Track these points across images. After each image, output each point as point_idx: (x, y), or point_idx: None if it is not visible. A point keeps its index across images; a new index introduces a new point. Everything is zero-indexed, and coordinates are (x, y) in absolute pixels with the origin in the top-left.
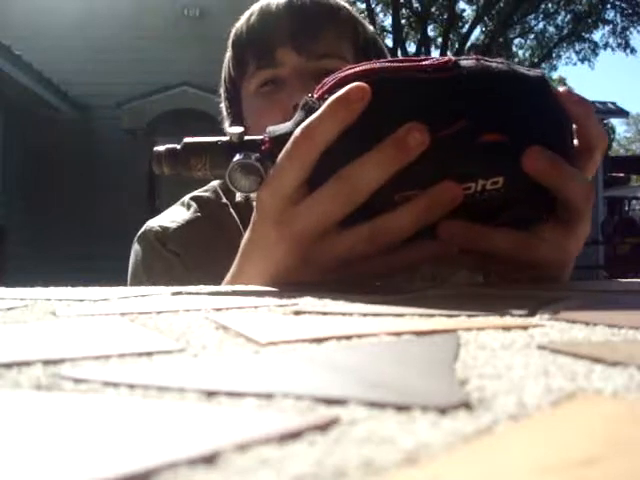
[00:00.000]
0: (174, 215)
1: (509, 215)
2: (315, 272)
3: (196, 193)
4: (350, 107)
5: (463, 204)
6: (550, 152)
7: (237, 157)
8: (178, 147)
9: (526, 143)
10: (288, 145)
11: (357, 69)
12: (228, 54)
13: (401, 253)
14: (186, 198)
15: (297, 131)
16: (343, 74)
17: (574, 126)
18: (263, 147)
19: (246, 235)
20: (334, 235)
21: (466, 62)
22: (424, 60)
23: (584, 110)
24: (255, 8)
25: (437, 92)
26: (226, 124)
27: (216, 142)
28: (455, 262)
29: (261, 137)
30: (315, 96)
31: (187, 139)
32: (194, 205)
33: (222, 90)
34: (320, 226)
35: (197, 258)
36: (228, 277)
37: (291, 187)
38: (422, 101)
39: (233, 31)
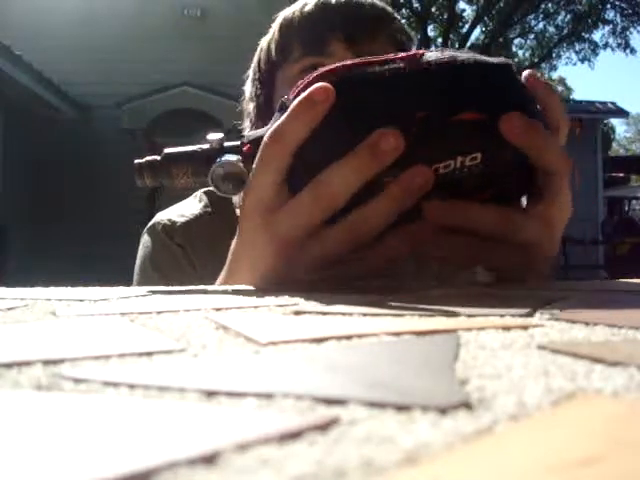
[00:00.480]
0: (184, 209)
1: (492, 193)
2: (302, 272)
3: (210, 187)
4: (315, 108)
5: (444, 182)
6: (526, 117)
7: (218, 161)
8: (158, 158)
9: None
10: (260, 150)
11: (325, 68)
12: (268, 37)
13: (377, 249)
14: (199, 192)
15: (266, 136)
16: (316, 73)
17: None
18: (244, 150)
19: (234, 241)
20: (316, 235)
21: (432, 54)
22: (394, 57)
23: (545, 91)
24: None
25: (407, 83)
26: (250, 106)
27: (196, 150)
28: (442, 254)
29: (239, 142)
30: (291, 97)
31: (167, 149)
32: (205, 200)
33: (251, 72)
34: (302, 230)
35: (201, 253)
36: (219, 280)
37: (268, 191)
38: (392, 93)
39: (282, 16)
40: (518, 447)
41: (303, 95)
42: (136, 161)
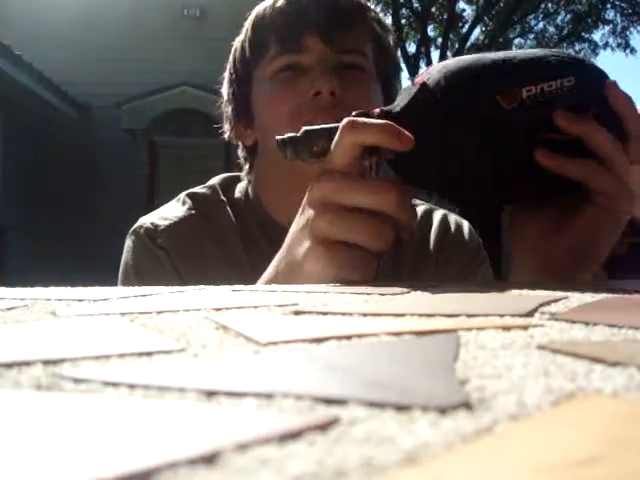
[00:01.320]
0: (167, 212)
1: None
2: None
3: (193, 189)
4: (392, 140)
5: (553, 99)
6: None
7: None
8: (298, 135)
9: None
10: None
11: None
12: (242, 36)
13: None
14: (182, 195)
15: (345, 120)
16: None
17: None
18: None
19: None
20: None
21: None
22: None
23: (625, 105)
24: None
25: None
26: (228, 108)
27: (336, 128)
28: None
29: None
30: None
31: (305, 127)
32: (189, 202)
33: (227, 74)
34: (330, 193)
35: (186, 255)
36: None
37: (337, 162)
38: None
39: (254, 13)
40: (518, 447)
41: (399, 128)
42: (277, 137)
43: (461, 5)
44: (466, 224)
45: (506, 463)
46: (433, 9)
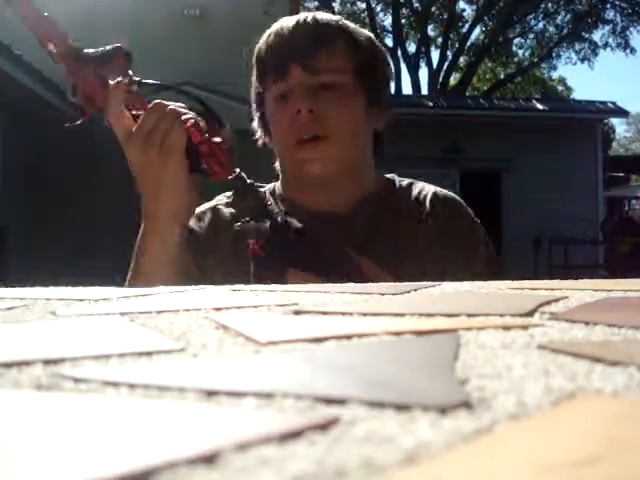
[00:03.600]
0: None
1: None
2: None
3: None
4: None
5: None
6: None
7: None
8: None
9: None
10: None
11: None
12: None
13: None
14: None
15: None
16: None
17: None
18: None
19: None
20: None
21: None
22: None
23: None
24: (272, 30)
25: None
26: (254, 124)
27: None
28: None
29: None
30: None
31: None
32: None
33: (253, 99)
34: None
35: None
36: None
37: None
38: None
39: (255, 51)
40: (518, 447)
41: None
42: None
43: (461, 5)
44: (456, 197)
45: (506, 463)
46: (433, 9)
